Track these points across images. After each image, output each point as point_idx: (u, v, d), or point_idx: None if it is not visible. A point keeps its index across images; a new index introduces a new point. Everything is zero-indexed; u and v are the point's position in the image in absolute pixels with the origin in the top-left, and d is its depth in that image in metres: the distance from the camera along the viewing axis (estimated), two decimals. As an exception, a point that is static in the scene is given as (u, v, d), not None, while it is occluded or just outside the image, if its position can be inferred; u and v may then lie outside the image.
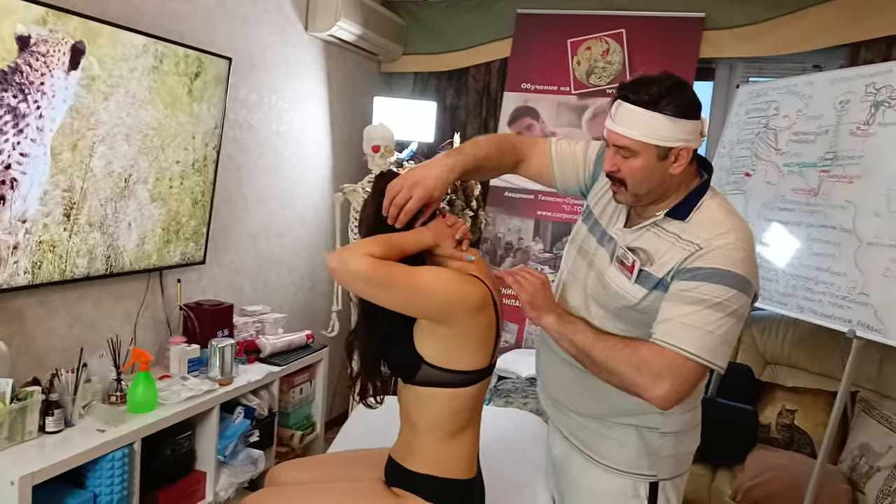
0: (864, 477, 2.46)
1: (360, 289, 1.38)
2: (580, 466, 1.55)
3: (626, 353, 1.29)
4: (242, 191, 2.98)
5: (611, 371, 1.30)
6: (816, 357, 2.99)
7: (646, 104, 1.32)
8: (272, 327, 2.85)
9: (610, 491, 1.50)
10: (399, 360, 1.47)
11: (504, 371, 3.09)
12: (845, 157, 2.38)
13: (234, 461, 2.37)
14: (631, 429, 1.47)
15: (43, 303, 2.12)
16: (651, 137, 1.32)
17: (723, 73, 3.46)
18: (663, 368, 1.24)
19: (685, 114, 1.32)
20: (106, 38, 2.05)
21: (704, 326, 1.24)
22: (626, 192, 1.41)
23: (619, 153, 1.37)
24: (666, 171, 1.36)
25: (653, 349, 1.27)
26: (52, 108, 1.94)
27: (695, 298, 1.27)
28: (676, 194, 1.41)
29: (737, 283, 1.27)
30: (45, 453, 1.77)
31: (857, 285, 2.23)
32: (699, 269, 1.29)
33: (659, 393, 1.25)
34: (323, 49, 3.46)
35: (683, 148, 1.33)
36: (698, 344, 1.24)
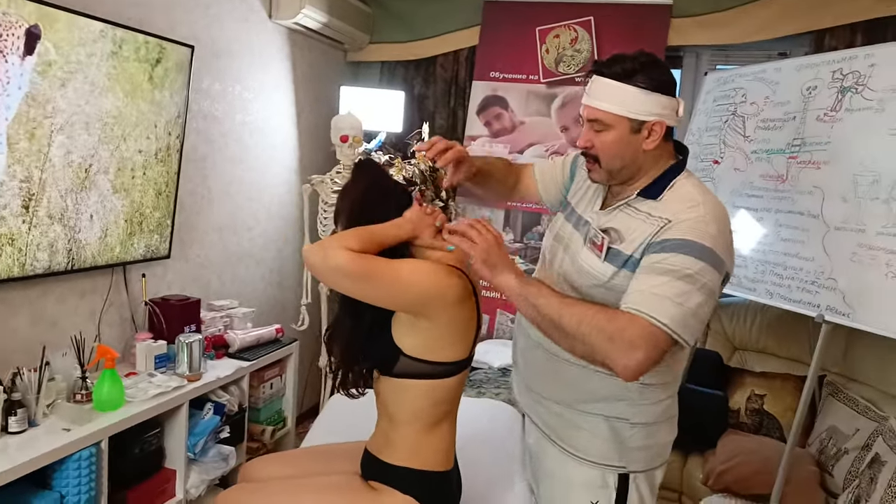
0: (833, 459, 2.51)
1: (338, 283, 1.34)
2: (554, 457, 1.53)
3: (599, 321, 1.23)
4: (207, 183, 2.90)
5: (581, 339, 1.23)
6: (785, 342, 3.04)
7: (619, 77, 1.33)
8: (241, 322, 2.80)
9: (581, 481, 1.48)
10: (377, 352, 1.45)
11: (476, 361, 3.07)
12: (812, 143, 2.41)
13: (204, 458, 2.32)
14: (600, 419, 1.44)
15: (2, 300, 2.04)
16: (623, 109, 1.33)
17: (690, 60, 3.48)
18: (636, 338, 1.20)
19: (658, 88, 1.33)
20: (62, 22, 1.97)
21: (675, 297, 1.21)
22: (600, 170, 1.41)
23: (592, 128, 1.38)
24: (639, 146, 1.36)
25: (625, 317, 1.22)
26: (7, 94, 1.85)
27: (664, 269, 1.24)
28: (650, 173, 1.40)
29: (705, 256, 1.24)
30: (7, 454, 1.71)
31: (825, 270, 2.27)
32: (668, 240, 1.28)
33: (630, 363, 1.19)
34: (288, 37, 3.39)
35: (657, 122, 1.34)
36: (670, 314, 1.21)
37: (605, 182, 1.45)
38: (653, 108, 1.33)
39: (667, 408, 1.47)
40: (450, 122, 3.82)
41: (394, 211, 1.45)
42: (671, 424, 1.51)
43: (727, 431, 2.80)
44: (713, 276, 1.25)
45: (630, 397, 1.42)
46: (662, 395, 1.45)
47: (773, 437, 2.79)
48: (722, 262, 1.28)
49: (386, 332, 1.41)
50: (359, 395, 1.53)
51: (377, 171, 1.52)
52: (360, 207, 1.44)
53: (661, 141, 1.37)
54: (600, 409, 1.43)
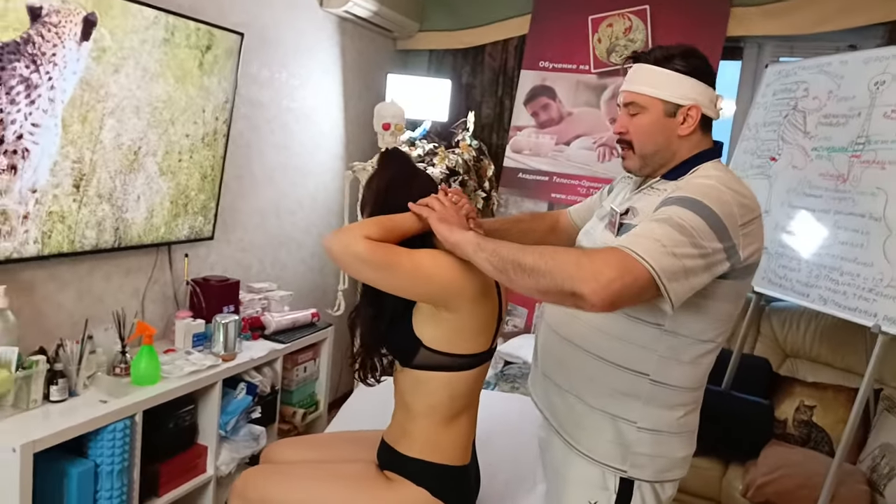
0: (885, 478, 2.36)
1: (357, 271, 1.33)
2: (558, 449, 1.49)
3: (566, 251, 1.18)
4: (252, 167, 2.95)
5: (544, 271, 1.14)
6: (840, 351, 2.89)
7: (655, 61, 1.34)
8: (278, 305, 2.83)
9: (581, 478, 1.42)
10: (397, 343, 1.44)
11: (511, 356, 3.04)
12: (878, 142, 2.26)
13: (235, 436, 2.36)
14: (607, 417, 1.37)
15: (53, 276, 2.12)
16: (657, 91, 1.33)
17: (751, 52, 3.32)
18: (609, 259, 1.12)
19: (694, 73, 1.33)
20: (118, 9, 2.02)
21: (662, 240, 1.14)
22: (634, 156, 1.39)
23: (628, 112, 1.38)
24: (674, 131, 1.34)
25: (603, 249, 1.18)
26: (63, 79, 1.92)
27: (658, 217, 1.20)
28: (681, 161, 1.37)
29: (704, 214, 1.17)
30: (48, 422, 1.78)
31: (884, 277, 2.13)
32: (669, 197, 1.25)
33: (596, 284, 1.08)
34: (337, 25, 3.40)
35: (692, 106, 1.33)
36: (652, 252, 1.12)
37: (639, 170, 1.42)
38: (688, 91, 1.32)
39: (682, 418, 1.37)
40: (496, 112, 3.76)
41: (418, 199, 1.43)
42: (687, 439, 1.41)
43: (771, 442, 2.68)
44: (710, 239, 1.17)
45: (641, 395, 1.35)
46: (677, 401, 1.36)
47: (821, 451, 2.65)
48: (725, 229, 1.19)
49: (407, 322, 1.40)
50: (376, 383, 1.52)
51: (403, 161, 1.50)
52: (385, 196, 1.43)
53: (698, 131, 1.35)
54: (608, 405, 1.37)
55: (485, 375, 1.49)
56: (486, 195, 3.37)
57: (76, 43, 1.93)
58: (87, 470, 1.83)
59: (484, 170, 3.42)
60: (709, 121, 1.37)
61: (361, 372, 1.51)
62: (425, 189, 1.46)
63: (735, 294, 1.32)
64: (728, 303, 1.31)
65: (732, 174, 1.32)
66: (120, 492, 1.88)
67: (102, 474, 1.85)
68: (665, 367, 1.33)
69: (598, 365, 1.37)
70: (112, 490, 1.86)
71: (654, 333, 1.32)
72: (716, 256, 1.19)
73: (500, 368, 3.10)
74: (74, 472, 1.79)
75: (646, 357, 1.33)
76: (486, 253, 1.23)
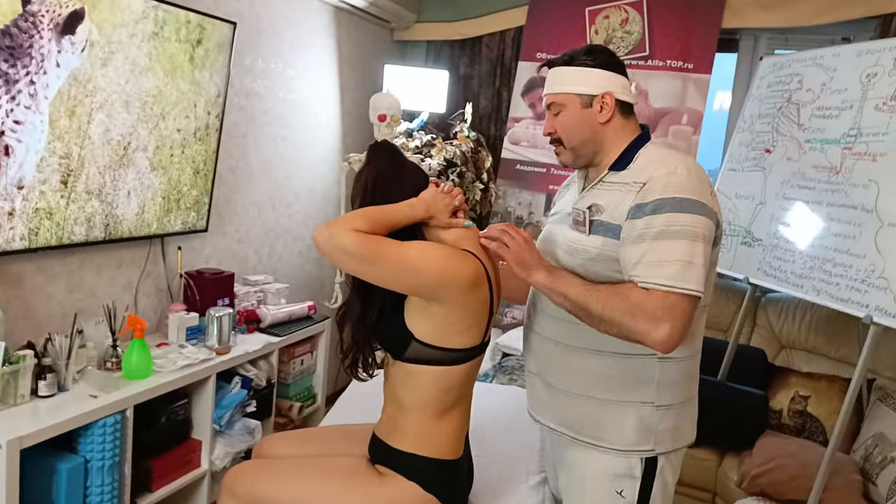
0: (878, 468, 2.37)
1: (345, 264, 1.33)
2: (579, 457, 1.49)
3: (619, 302, 1.27)
4: (248, 159, 2.94)
5: (609, 322, 1.28)
6: (834, 342, 2.89)
7: (564, 63, 1.47)
8: (274, 297, 2.83)
9: (607, 473, 1.45)
10: (388, 336, 1.43)
11: (509, 348, 3.04)
12: (870, 134, 2.25)
13: (230, 431, 2.36)
14: (626, 406, 1.42)
15: (42, 269, 2.11)
16: (571, 87, 1.44)
17: (747, 44, 3.31)
18: (657, 310, 1.24)
19: (601, 65, 1.44)
20: (105, 3, 2.00)
21: (674, 257, 1.26)
22: (565, 150, 1.49)
23: (551, 114, 1.49)
24: (594, 119, 1.44)
25: (641, 293, 1.27)
26: (44, 73, 1.89)
27: (654, 233, 1.28)
28: (616, 148, 1.45)
29: (686, 207, 1.29)
30: (36, 417, 1.76)
31: (876, 268, 2.13)
32: (646, 203, 1.31)
33: (660, 336, 1.24)
34: (333, 15, 3.38)
35: (606, 94, 1.43)
36: (679, 277, 1.25)
37: (573, 162, 1.51)
38: (598, 81, 1.43)
39: (688, 385, 1.47)
40: (494, 104, 3.75)
41: (409, 192, 1.43)
42: (694, 403, 1.51)
43: (766, 432, 2.68)
44: (701, 222, 1.29)
45: (653, 376, 1.41)
46: (684, 371, 1.44)
47: (815, 440, 2.66)
48: (703, 205, 1.30)
49: (398, 315, 1.39)
50: (368, 378, 1.52)
51: (391, 153, 1.49)
52: (374, 189, 1.42)
53: (618, 116, 1.45)
54: (625, 395, 1.42)
55: (478, 369, 1.49)
56: (484, 187, 3.37)
57: (59, 37, 1.90)
58: (77, 466, 1.82)
59: (482, 161, 3.41)
60: (629, 106, 1.47)
61: (352, 368, 1.51)
62: (415, 181, 1.46)
63: (715, 257, 1.40)
64: (712, 266, 1.40)
65: (671, 151, 1.44)
66: (111, 487, 1.87)
67: (93, 470, 1.84)
68: None
69: (606, 360, 1.41)
70: (103, 486, 1.85)
71: None
72: (707, 229, 1.31)
73: (499, 360, 3.10)
74: (64, 469, 1.78)
75: None
76: (560, 297, 1.35)
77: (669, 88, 3.25)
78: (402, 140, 3.30)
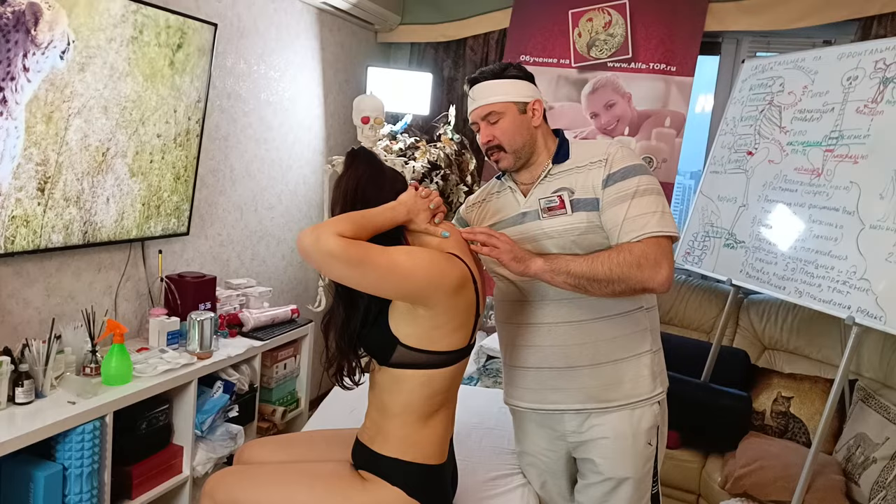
0: (860, 468, 2.39)
1: (330, 269, 1.30)
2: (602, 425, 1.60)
3: (623, 257, 1.44)
4: (230, 161, 2.91)
5: (619, 279, 1.43)
6: (816, 343, 2.91)
7: (493, 76, 1.60)
8: (257, 301, 2.80)
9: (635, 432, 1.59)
10: (373, 342, 1.42)
11: (493, 350, 3.03)
12: (851, 137, 2.27)
13: (212, 436, 2.33)
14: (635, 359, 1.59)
15: (18, 272, 2.07)
16: (509, 96, 1.58)
17: (729, 47, 3.33)
18: (657, 255, 1.44)
19: (525, 76, 1.62)
20: (83, 6, 1.96)
21: (656, 208, 1.48)
22: (507, 154, 1.61)
23: (488, 122, 1.60)
24: (529, 123, 1.60)
25: (638, 245, 1.45)
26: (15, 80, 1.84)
27: (632, 193, 1.49)
28: (546, 149, 1.63)
29: (643, 170, 1.53)
30: (12, 425, 1.73)
31: (858, 270, 2.14)
32: (617, 171, 1.52)
33: (662, 276, 1.43)
34: (316, 17, 3.36)
35: (536, 101, 1.61)
36: (662, 223, 1.47)
37: (513, 165, 1.63)
38: (528, 91, 1.60)
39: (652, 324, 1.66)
40: (478, 106, 3.74)
41: (389, 196, 1.42)
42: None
43: (749, 434, 2.69)
44: (655, 180, 1.54)
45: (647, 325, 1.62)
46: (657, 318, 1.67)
47: (798, 441, 2.67)
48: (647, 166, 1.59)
49: (382, 320, 1.38)
50: (354, 386, 1.50)
51: (369, 159, 1.48)
52: (354, 195, 1.41)
53: (543, 121, 1.63)
54: (632, 348, 1.59)
55: (463, 372, 1.48)
56: (468, 189, 3.35)
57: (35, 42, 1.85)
58: (55, 473, 1.79)
59: (466, 164, 3.40)
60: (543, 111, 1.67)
61: (338, 376, 1.49)
62: (395, 186, 1.45)
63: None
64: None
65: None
66: (90, 495, 1.84)
67: (71, 477, 1.81)
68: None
69: (608, 324, 1.58)
70: (81, 493, 1.82)
71: None
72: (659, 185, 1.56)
73: (483, 363, 3.09)
74: (41, 476, 1.75)
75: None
76: (563, 276, 1.48)
77: (652, 91, 3.26)
78: (386, 142, 3.29)
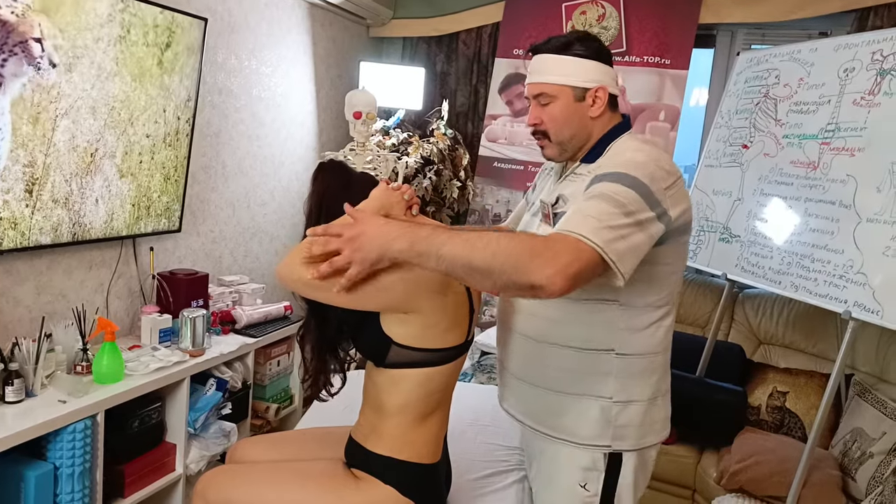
0: (856, 463, 2.38)
1: (314, 296, 1.30)
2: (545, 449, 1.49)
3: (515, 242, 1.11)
4: (221, 158, 2.88)
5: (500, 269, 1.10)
6: (812, 337, 2.91)
7: (556, 50, 1.37)
8: (250, 298, 2.78)
9: (570, 466, 1.44)
10: (367, 343, 1.40)
11: (487, 346, 3.01)
12: (847, 129, 2.26)
13: (205, 434, 2.32)
14: (585, 399, 1.39)
15: (8, 271, 2.05)
16: (564, 78, 1.36)
17: (724, 39, 3.31)
18: (563, 248, 1.11)
19: (595, 56, 1.37)
20: (69, 6, 1.93)
21: (600, 216, 1.15)
22: (551, 144, 1.42)
23: (538, 103, 1.41)
24: (585, 113, 1.38)
25: (552, 236, 1.15)
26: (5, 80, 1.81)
27: (590, 195, 1.22)
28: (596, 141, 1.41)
29: (631, 183, 1.20)
30: (3, 423, 1.72)
31: (854, 264, 2.13)
32: (601, 174, 1.27)
33: (551, 270, 1.07)
34: (308, 12, 3.33)
35: (599, 88, 1.37)
36: (595, 230, 1.13)
37: (558, 156, 1.45)
38: (592, 74, 1.36)
39: (653, 383, 1.41)
40: (471, 101, 3.72)
41: (360, 200, 1.40)
42: (662, 402, 1.45)
43: (745, 429, 2.69)
44: (641, 206, 1.19)
45: (611, 370, 1.37)
46: (645, 368, 1.39)
47: (794, 436, 2.67)
48: (651, 194, 1.21)
49: (375, 323, 1.36)
50: (330, 398, 1.50)
51: (336, 170, 1.46)
52: (319, 208, 1.41)
53: (607, 109, 1.39)
54: (584, 388, 1.39)
55: (460, 370, 1.46)
56: (462, 184, 3.34)
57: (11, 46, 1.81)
58: (46, 473, 1.78)
59: (459, 159, 3.39)
60: (614, 97, 1.41)
61: (314, 388, 1.47)
62: (364, 191, 1.42)
63: (675, 255, 1.35)
64: (671, 265, 1.35)
65: (644, 143, 1.36)
66: (82, 494, 1.83)
67: (62, 477, 1.80)
68: (626, 338, 1.36)
69: (564, 353, 1.39)
70: (73, 493, 1.81)
71: (611, 309, 1.35)
72: (650, 223, 1.21)
73: (477, 359, 3.08)
74: (32, 476, 1.74)
75: (607, 334, 1.36)
76: (434, 260, 1.14)
77: (647, 84, 3.24)
78: (379, 138, 3.27)
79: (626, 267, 1.17)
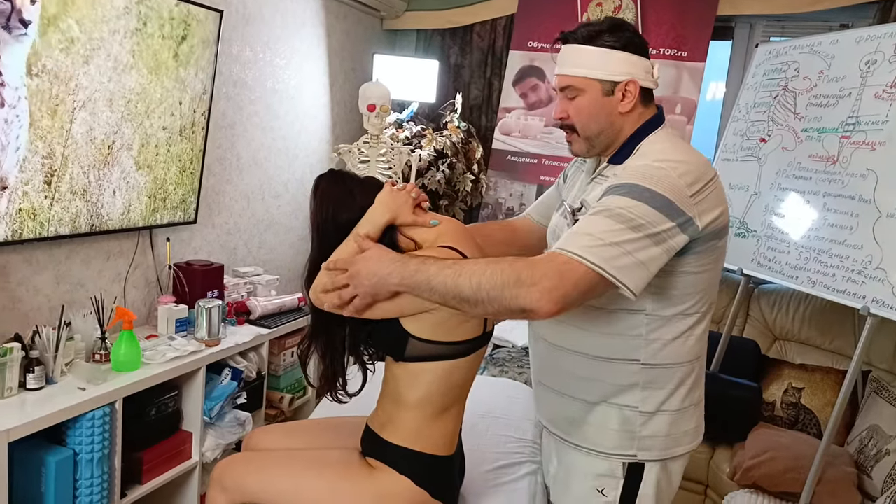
0: (872, 460, 2.36)
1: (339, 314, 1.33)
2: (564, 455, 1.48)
3: (501, 270, 1.11)
4: (236, 150, 2.89)
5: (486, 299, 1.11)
6: (828, 333, 2.89)
7: (584, 40, 1.29)
8: (264, 289, 2.80)
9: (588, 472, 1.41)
10: (385, 339, 1.40)
11: (499, 339, 3.02)
12: (868, 123, 2.23)
13: (220, 422, 2.34)
14: (609, 408, 1.35)
15: (28, 260, 2.07)
16: (591, 71, 1.29)
17: (742, 31, 3.28)
18: (546, 269, 1.09)
19: (626, 47, 1.28)
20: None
21: (598, 233, 1.12)
22: (579, 139, 1.36)
23: (566, 97, 1.34)
24: (614, 109, 1.31)
25: (539, 259, 1.13)
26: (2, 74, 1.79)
27: (595, 210, 1.18)
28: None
29: (643, 196, 1.14)
30: (24, 410, 1.74)
31: (873, 259, 2.11)
32: (614, 185, 1.20)
33: (539, 294, 1.07)
34: (322, 4, 3.33)
35: (630, 81, 1.29)
36: (587, 247, 1.11)
37: (587, 152, 1.39)
38: (622, 67, 1.28)
39: (682, 393, 1.35)
40: (485, 94, 3.71)
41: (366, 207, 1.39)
42: (692, 413, 1.38)
43: (759, 425, 2.67)
44: (656, 219, 1.14)
45: (637, 381, 1.33)
46: (674, 378, 1.33)
47: (808, 433, 2.65)
48: (671, 204, 1.15)
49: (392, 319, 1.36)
50: (346, 399, 1.49)
51: (332, 179, 1.45)
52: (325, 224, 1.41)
53: (639, 104, 1.32)
54: (608, 397, 1.35)
55: (479, 363, 1.45)
56: (475, 178, 3.34)
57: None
58: (66, 458, 1.80)
59: (472, 152, 3.38)
60: (650, 92, 1.34)
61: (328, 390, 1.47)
62: (367, 198, 1.40)
63: (708, 262, 1.28)
64: (703, 272, 1.28)
65: (674, 143, 1.29)
66: (101, 480, 1.85)
67: (82, 463, 1.82)
68: (653, 349, 1.31)
69: (589, 363, 1.35)
70: (92, 479, 1.83)
71: (637, 320, 1.30)
72: (668, 234, 1.16)
73: (490, 352, 3.08)
74: (52, 461, 1.76)
75: (633, 344, 1.31)
76: (426, 292, 1.18)
77: (663, 77, 3.22)
78: (392, 130, 3.27)
79: (634, 282, 1.13)
